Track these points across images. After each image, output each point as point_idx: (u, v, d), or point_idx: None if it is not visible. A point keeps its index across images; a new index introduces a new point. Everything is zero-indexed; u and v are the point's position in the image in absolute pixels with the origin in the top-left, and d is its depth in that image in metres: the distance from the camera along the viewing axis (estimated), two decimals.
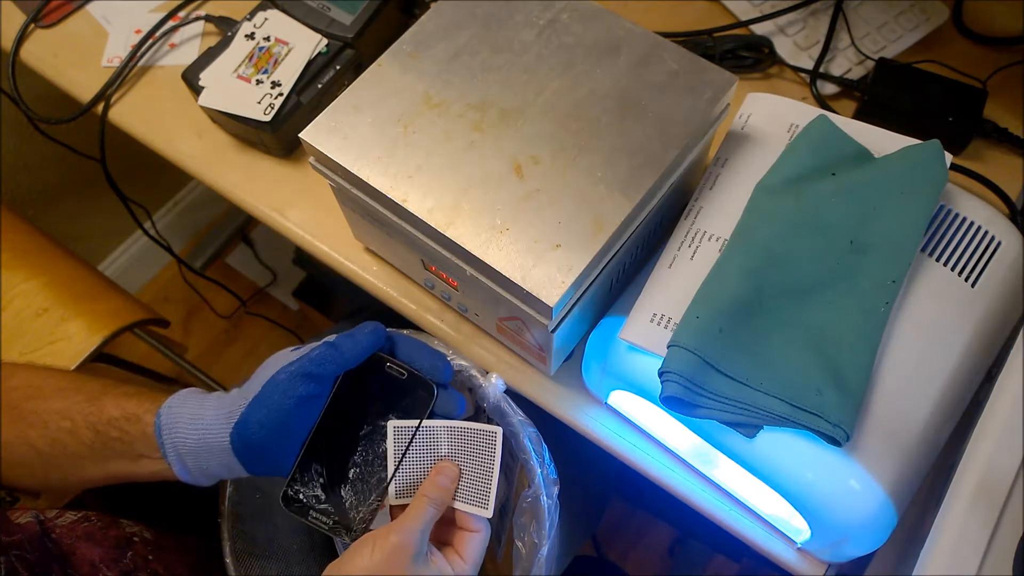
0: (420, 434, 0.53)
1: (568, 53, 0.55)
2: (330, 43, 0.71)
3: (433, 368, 0.53)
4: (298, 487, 0.51)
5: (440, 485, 0.51)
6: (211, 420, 0.50)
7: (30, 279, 0.97)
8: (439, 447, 0.53)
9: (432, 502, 0.49)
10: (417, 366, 0.53)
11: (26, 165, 1.23)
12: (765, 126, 0.56)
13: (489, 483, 0.52)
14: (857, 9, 0.74)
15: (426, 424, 0.53)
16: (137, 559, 0.59)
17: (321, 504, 0.51)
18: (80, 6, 0.82)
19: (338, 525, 0.51)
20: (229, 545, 0.61)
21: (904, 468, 0.46)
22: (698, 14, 0.77)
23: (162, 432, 0.50)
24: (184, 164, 0.74)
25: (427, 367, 0.53)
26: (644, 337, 0.50)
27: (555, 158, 0.51)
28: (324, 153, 0.52)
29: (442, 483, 0.51)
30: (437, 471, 0.51)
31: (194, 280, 1.41)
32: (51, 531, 0.55)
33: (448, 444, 0.53)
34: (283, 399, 0.49)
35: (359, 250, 0.68)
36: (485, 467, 0.52)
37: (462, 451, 0.53)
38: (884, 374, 0.47)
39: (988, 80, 0.69)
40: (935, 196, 0.50)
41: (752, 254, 0.49)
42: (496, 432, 0.52)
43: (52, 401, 0.54)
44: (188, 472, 0.51)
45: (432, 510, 0.49)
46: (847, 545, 0.49)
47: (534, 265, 0.47)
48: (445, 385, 0.54)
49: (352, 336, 0.52)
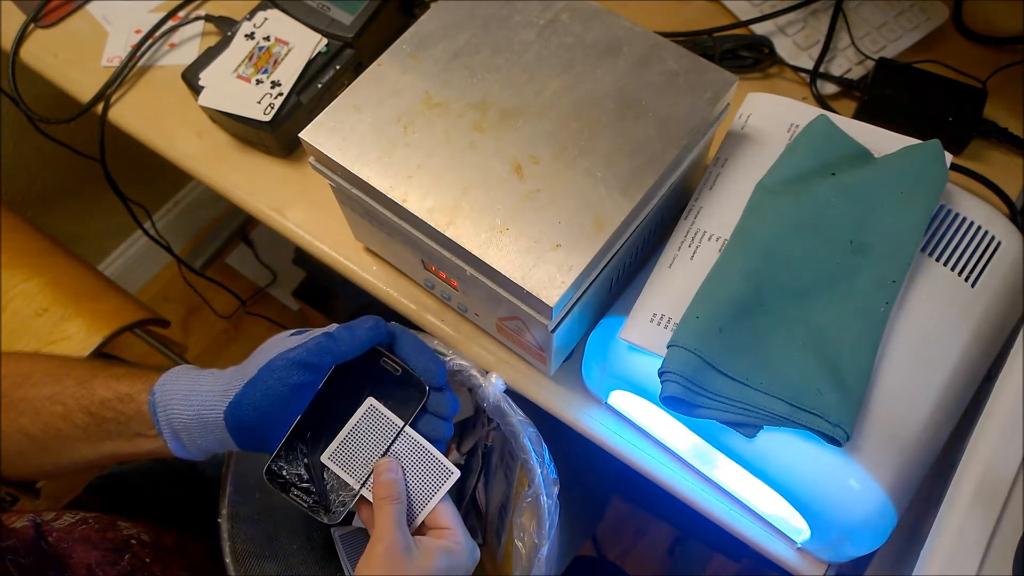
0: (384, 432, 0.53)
1: (568, 53, 0.55)
2: (330, 43, 0.71)
3: (427, 370, 0.54)
4: (282, 464, 0.52)
5: (385, 481, 0.51)
6: (207, 396, 0.51)
7: (30, 279, 0.97)
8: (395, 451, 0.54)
9: (389, 499, 0.51)
10: (412, 365, 0.54)
11: (26, 165, 1.23)
12: (765, 126, 0.56)
13: (422, 508, 0.53)
14: (857, 9, 0.74)
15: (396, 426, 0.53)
16: (134, 561, 0.59)
17: (303, 483, 0.53)
18: (80, 6, 0.82)
19: (317, 505, 0.53)
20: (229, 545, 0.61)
21: (904, 468, 0.46)
22: (698, 14, 0.77)
23: (156, 409, 0.51)
24: (184, 164, 0.74)
25: (421, 368, 0.54)
26: (644, 337, 0.50)
27: (555, 158, 0.51)
28: (324, 153, 0.52)
29: (387, 479, 0.52)
30: (377, 472, 0.52)
31: (194, 280, 1.41)
32: (48, 534, 0.55)
33: (406, 454, 0.53)
34: (277, 385, 0.50)
35: (359, 250, 0.68)
36: (426, 494, 0.53)
37: (415, 469, 0.53)
38: (884, 374, 0.47)
39: (988, 80, 0.69)
40: (935, 196, 0.50)
41: (752, 254, 0.49)
42: (453, 473, 0.53)
43: (42, 387, 0.54)
44: (183, 448, 0.52)
45: (394, 506, 0.51)
46: (847, 545, 0.49)
47: (534, 265, 0.47)
48: (439, 387, 0.55)
49: (351, 329, 0.52)
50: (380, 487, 0.51)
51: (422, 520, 0.52)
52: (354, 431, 0.53)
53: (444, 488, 0.53)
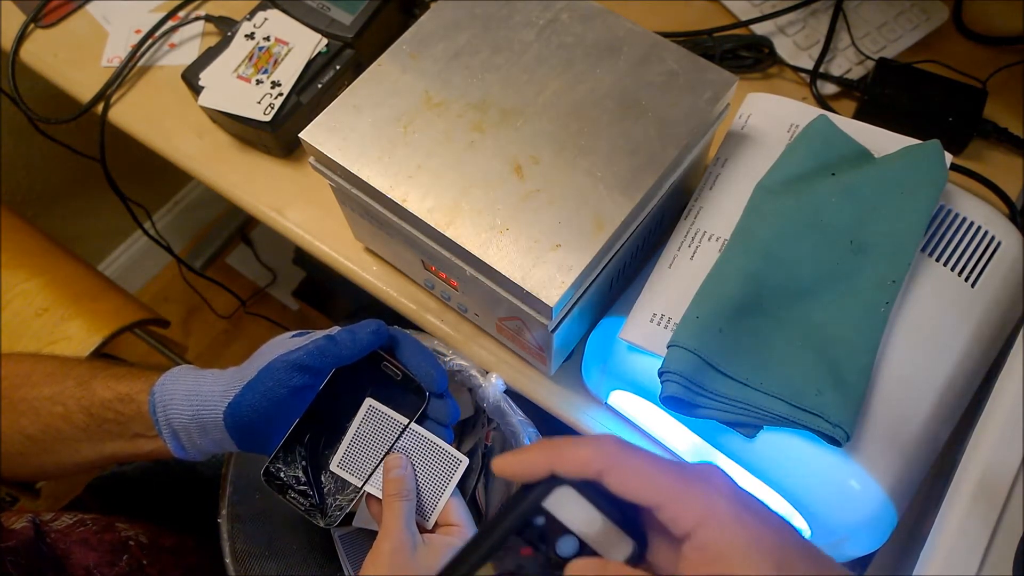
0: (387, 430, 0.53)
1: (568, 53, 0.55)
2: (330, 43, 0.71)
3: (427, 376, 0.54)
4: (280, 466, 0.52)
5: (394, 478, 0.51)
6: (207, 397, 0.51)
7: (30, 279, 0.97)
8: (405, 449, 0.53)
9: (398, 496, 0.51)
10: (413, 370, 0.54)
11: (26, 165, 1.23)
12: (765, 126, 0.56)
13: (436, 502, 0.53)
14: (857, 9, 0.74)
15: (399, 423, 0.53)
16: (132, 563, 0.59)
17: (301, 485, 0.53)
18: (80, 6, 0.82)
19: (314, 508, 0.53)
20: (229, 545, 0.61)
21: (904, 468, 0.46)
22: (698, 14, 0.77)
23: (156, 410, 0.51)
24: (184, 164, 0.74)
25: (422, 373, 0.54)
26: (644, 337, 0.50)
27: (555, 158, 0.51)
28: (324, 153, 0.52)
29: (396, 475, 0.52)
30: (387, 469, 0.52)
31: (194, 280, 1.41)
32: (47, 535, 0.55)
33: (413, 449, 0.53)
34: (277, 387, 0.50)
35: (359, 250, 0.68)
36: (438, 486, 0.53)
37: (423, 463, 0.53)
38: (884, 374, 0.47)
39: (988, 80, 0.69)
40: (935, 196, 0.50)
41: (752, 254, 0.49)
42: (462, 461, 0.53)
43: (41, 388, 0.55)
44: (183, 448, 0.52)
45: (403, 503, 0.51)
46: (847, 545, 0.49)
47: (534, 265, 0.47)
48: (440, 394, 0.55)
49: (353, 333, 0.52)
50: (390, 484, 0.51)
51: (439, 513, 0.52)
52: (358, 434, 0.53)
53: (455, 478, 0.52)
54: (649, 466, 0.31)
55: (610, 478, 0.31)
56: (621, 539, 0.33)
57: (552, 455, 0.32)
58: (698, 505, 0.30)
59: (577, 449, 0.32)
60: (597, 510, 0.32)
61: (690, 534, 0.30)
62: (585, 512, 0.32)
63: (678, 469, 0.31)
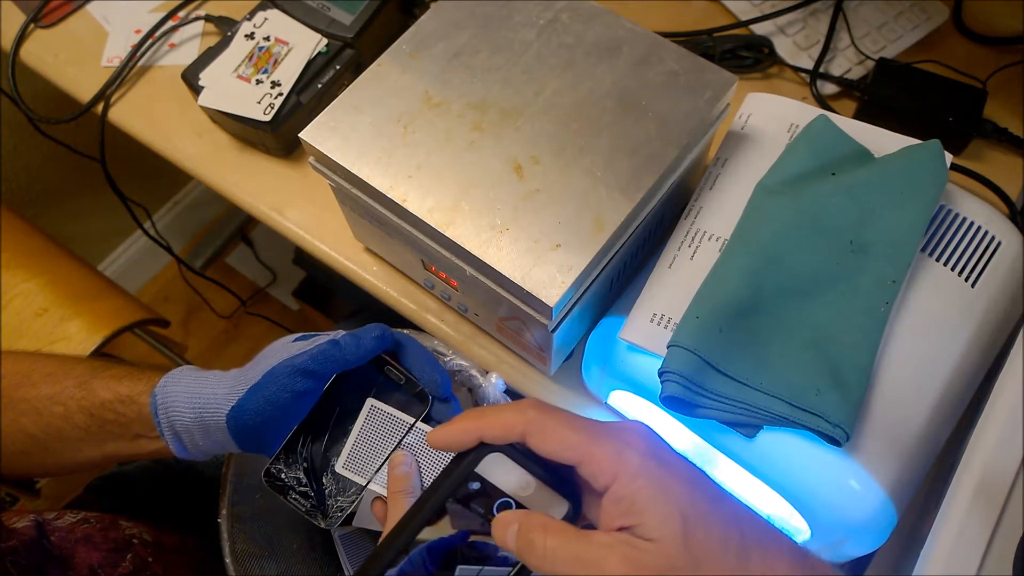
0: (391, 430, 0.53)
1: (568, 53, 0.55)
2: (330, 43, 0.71)
3: (431, 382, 0.54)
4: (281, 467, 0.52)
5: (399, 475, 0.51)
6: (209, 399, 0.51)
7: (30, 279, 0.97)
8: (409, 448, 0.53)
9: (403, 493, 0.51)
10: (416, 374, 0.54)
11: (26, 165, 1.23)
12: (765, 126, 0.56)
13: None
14: (857, 9, 0.74)
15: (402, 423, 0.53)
16: (136, 561, 0.59)
17: (301, 487, 0.53)
18: (80, 6, 0.82)
19: (315, 510, 0.52)
20: (229, 545, 0.61)
21: (904, 468, 0.46)
22: (698, 14, 0.77)
23: (157, 411, 0.51)
24: (184, 164, 0.74)
25: (426, 379, 0.54)
26: (644, 337, 0.50)
27: (555, 158, 0.51)
28: (324, 153, 0.52)
29: (401, 472, 0.51)
30: (392, 466, 0.52)
31: (194, 280, 1.41)
32: (49, 534, 0.55)
33: (418, 447, 0.53)
34: (280, 392, 0.50)
35: (359, 250, 0.68)
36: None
37: (428, 461, 0.53)
38: (884, 374, 0.47)
39: (988, 80, 0.69)
40: (935, 196, 0.50)
41: (752, 254, 0.49)
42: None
43: (41, 387, 0.55)
44: (185, 449, 0.52)
45: (408, 499, 0.50)
46: (847, 545, 0.49)
47: (534, 265, 0.47)
48: (444, 399, 0.55)
49: (357, 338, 0.52)
50: (394, 481, 0.51)
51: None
52: (361, 434, 0.53)
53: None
54: (566, 426, 0.33)
55: (532, 440, 0.33)
56: (555, 499, 0.34)
57: (479, 423, 0.34)
58: (611, 460, 0.32)
59: (499, 415, 0.34)
60: (528, 473, 0.34)
61: (607, 488, 0.31)
62: (517, 475, 0.34)
63: (594, 427, 0.33)
